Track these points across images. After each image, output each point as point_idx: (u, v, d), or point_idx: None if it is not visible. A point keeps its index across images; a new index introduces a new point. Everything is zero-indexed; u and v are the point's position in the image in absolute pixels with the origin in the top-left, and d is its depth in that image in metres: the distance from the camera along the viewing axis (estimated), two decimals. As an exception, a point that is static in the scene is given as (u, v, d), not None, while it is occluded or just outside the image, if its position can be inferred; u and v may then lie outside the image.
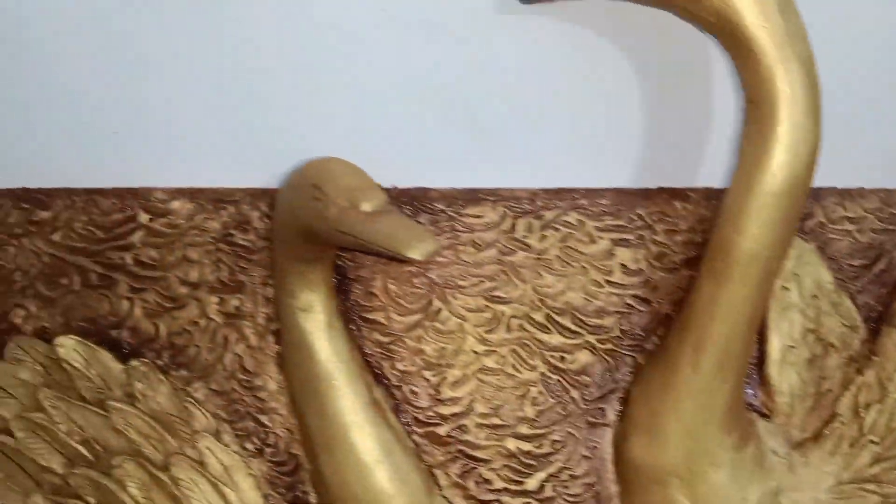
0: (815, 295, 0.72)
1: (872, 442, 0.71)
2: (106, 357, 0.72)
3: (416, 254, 0.57)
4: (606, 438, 0.73)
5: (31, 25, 0.71)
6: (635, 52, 0.71)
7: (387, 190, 0.70)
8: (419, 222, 0.71)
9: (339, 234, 0.61)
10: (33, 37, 0.72)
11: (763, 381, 0.72)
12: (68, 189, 0.75)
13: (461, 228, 0.73)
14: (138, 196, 0.74)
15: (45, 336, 0.74)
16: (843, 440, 0.71)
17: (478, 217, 0.74)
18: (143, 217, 0.74)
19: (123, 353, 0.73)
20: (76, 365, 0.72)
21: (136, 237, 0.74)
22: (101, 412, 0.71)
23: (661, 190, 0.74)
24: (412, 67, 0.71)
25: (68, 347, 0.72)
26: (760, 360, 0.72)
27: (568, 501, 0.72)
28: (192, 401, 0.73)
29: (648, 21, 0.70)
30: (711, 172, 0.74)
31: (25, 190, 0.75)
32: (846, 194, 0.73)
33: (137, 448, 0.71)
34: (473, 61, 0.71)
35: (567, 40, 0.70)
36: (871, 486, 0.71)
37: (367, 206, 0.61)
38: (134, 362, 0.72)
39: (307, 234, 0.64)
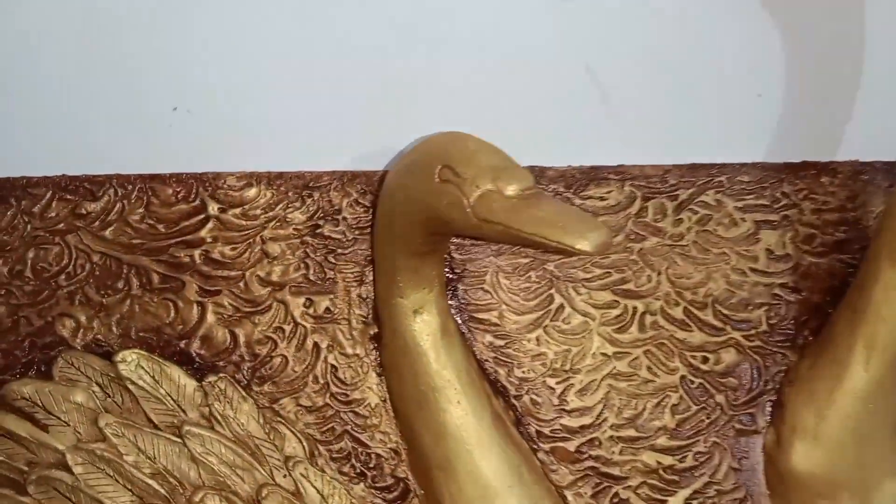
0: (978, 278, 0.65)
1: None
2: (176, 373, 0.62)
3: (587, 246, 0.47)
4: (757, 447, 0.64)
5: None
6: (777, 14, 0.63)
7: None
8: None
9: (483, 223, 0.51)
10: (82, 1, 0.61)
11: (925, 377, 0.65)
12: (120, 176, 0.64)
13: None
14: (206, 182, 0.63)
15: (100, 350, 0.63)
16: None
17: (602, 199, 0.64)
18: (213, 207, 0.63)
19: (196, 368, 0.63)
20: (142, 384, 0.61)
21: (206, 231, 0.63)
22: (175, 439, 0.60)
23: (807, 164, 0.65)
24: (526, 35, 0.62)
25: (131, 363, 0.61)
26: (922, 353, 0.65)
27: (715, 520, 0.64)
28: (281, 420, 0.62)
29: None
30: (860, 143, 0.66)
31: (68, 178, 0.64)
32: None
33: (221, 480, 0.60)
34: (596, 27, 0.62)
35: (706, 3, 0.61)
36: None
37: (513, 189, 0.51)
38: (210, 378, 0.62)
39: (431, 223, 0.54)
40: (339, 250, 0.64)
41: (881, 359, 0.59)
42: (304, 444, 0.62)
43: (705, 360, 0.64)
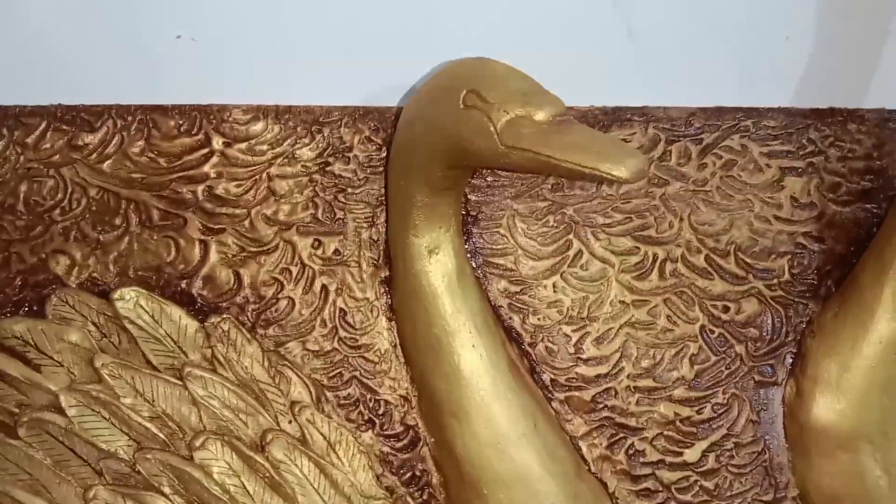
0: None
1: None
2: (177, 313, 0.59)
3: (624, 172, 0.45)
4: (776, 399, 0.62)
5: None
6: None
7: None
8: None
9: (511, 150, 0.48)
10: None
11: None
12: (120, 106, 0.60)
13: (603, 155, 0.62)
14: (210, 115, 0.60)
15: (96, 289, 0.60)
16: None
17: (625, 141, 0.62)
18: (218, 141, 0.60)
19: (198, 309, 0.60)
20: (141, 323, 0.58)
21: (209, 166, 0.60)
22: (175, 381, 0.58)
23: (834, 110, 0.63)
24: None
25: (129, 301, 0.58)
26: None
27: (733, 473, 0.62)
28: (287, 364, 0.60)
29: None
30: (889, 90, 0.64)
31: (64, 107, 0.60)
32: None
33: (223, 424, 0.58)
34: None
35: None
36: None
37: (543, 114, 0.48)
38: (213, 319, 0.59)
39: (454, 154, 0.52)
40: (350, 189, 0.61)
41: (909, 307, 0.58)
42: (311, 389, 0.60)
43: (726, 309, 0.63)
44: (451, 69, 0.53)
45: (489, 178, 0.62)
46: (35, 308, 0.60)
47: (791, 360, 0.62)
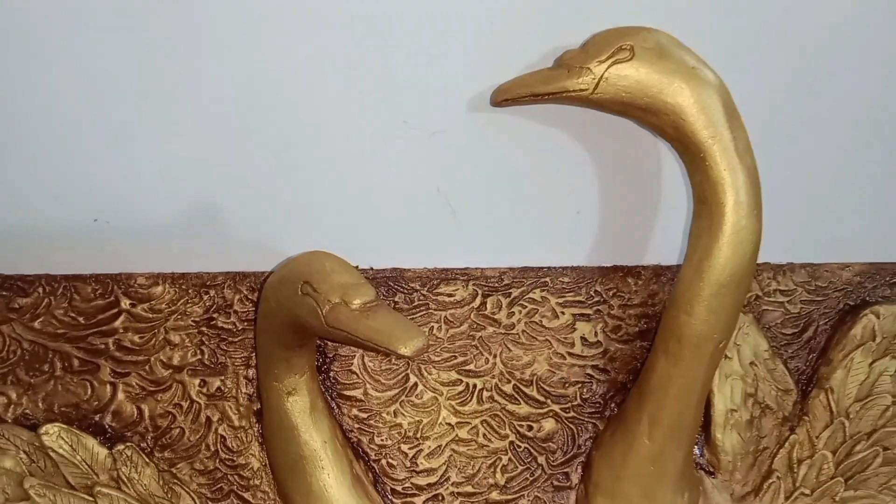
0: (753, 362, 0.80)
1: (804, 494, 0.79)
2: (91, 442, 0.74)
3: (406, 350, 0.61)
4: (571, 500, 0.79)
5: (9, 110, 0.72)
6: (593, 148, 0.77)
7: (364, 271, 0.76)
8: (403, 312, 0.76)
9: (333, 329, 0.64)
10: (11, 123, 0.73)
11: (709, 442, 0.80)
12: (48, 276, 0.76)
13: (435, 306, 0.78)
14: (119, 281, 0.76)
15: (28, 423, 0.75)
16: (779, 493, 0.80)
17: (450, 295, 0.79)
18: (125, 302, 0.76)
19: (108, 438, 0.75)
20: (62, 452, 0.73)
21: (118, 322, 0.76)
22: (89, 498, 0.73)
23: (616, 268, 0.80)
24: (389, 159, 0.76)
25: (53, 435, 0.74)
26: (706, 423, 0.80)
27: (537, 561, 0.78)
28: (178, 481, 0.75)
29: (606, 124, 0.76)
30: (659, 251, 0.81)
31: (4, 277, 0.76)
32: (778, 269, 0.82)
33: (125, 532, 0.73)
34: (446, 154, 0.76)
35: (534, 136, 0.76)
36: (805, 533, 0.80)
37: (357, 303, 0.64)
38: (119, 446, 0.74)
39: (296, 327, 0.68)
40: (230, 338, 0.77)
41: (660, 431, 0.73)
42: (197, 501, 0.75)
43: (530, 428, 0.79)
44: (293, 262, 0.69)
45: (345, 325, 0.78)
46: (-23, 439, 0.75)
47: (581, 469, 0.79)
